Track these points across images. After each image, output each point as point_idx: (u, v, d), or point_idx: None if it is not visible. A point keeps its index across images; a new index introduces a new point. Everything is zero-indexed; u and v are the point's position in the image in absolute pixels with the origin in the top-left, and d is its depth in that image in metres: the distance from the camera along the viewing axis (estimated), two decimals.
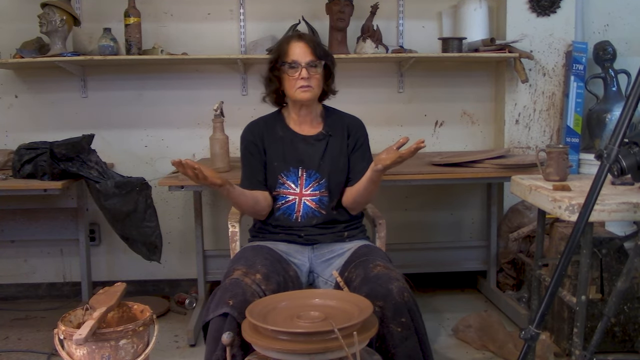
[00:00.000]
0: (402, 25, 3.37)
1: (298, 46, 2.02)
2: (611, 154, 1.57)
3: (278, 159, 2.10)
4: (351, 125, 2.17)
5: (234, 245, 2.16)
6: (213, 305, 1.75)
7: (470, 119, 3.49)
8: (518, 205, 3.29)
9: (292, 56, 2.01)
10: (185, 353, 2.70)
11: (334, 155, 2.12)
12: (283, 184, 2.09)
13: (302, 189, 2.08)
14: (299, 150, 2.11)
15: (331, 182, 2.10)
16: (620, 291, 1.74)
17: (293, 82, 2.02)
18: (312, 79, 2.02)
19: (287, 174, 2.09)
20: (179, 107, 3.35)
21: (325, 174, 2.09)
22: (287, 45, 2.04)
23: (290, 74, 2.02)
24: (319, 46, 2.06)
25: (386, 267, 1.86)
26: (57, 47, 2.97)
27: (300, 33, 2.15)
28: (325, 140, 2.12)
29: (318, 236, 2.08)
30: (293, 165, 2.09)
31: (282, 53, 2.04)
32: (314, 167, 2.10)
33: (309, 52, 2.01)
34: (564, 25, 3.30)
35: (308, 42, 2.03)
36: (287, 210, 2.08)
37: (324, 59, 2.05)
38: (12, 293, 3.43)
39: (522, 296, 3.10)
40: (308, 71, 2.00)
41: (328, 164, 2.10)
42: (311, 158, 2.10)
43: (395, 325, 1.72)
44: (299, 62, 2.01)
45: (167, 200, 3.37)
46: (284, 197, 2.09)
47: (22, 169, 2.72)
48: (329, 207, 2.09)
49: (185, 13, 3.30)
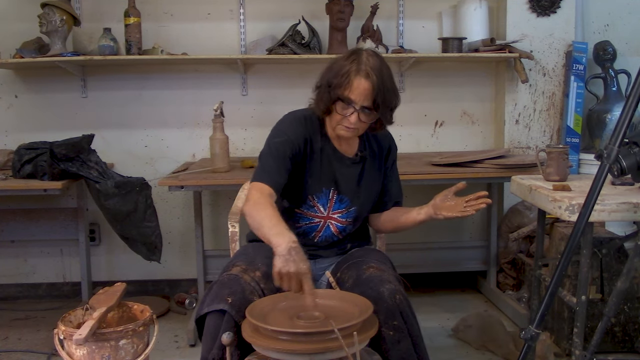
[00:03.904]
0: (402, 25, 3.37)
1: (362, 85, 1.74)
2: (611, 154, 1.57)
3: (313, 176, 1.90)
4: (386, 145, 2.01)
5: (234, 245, 2.15)
6: (209, 299, 1.69)
7: (470, 119, 3.49)
8: (518, 205, 3.29)
9: (351, 93, 1.76)
10: (185, 353, 2.70)
11: (369, 182, 1.97)
12: (312, 207, 1.92)
13: (329, 212, 1.94)
14: (335, 171, 1.92)
15: (359, 212, 1.97)
16: (620, 291, 1.74)
17: (339, 117, 1.81)
18: (359, 122, 1.80)
19: (318, 196, 1.91)
20: (179, 107, 3.35)
21: (357, 203, 1.95)
22: (353, 77, 1.75)
23: (339, 111, 1.79)
24: (385, 91, 1.77)
25: (379, 269, 1.82)
26: (57, 47, 2.97)
27: (371, 70, 1.75)
28: (362, 163, 1.97)
29: (322, 251, 2.01)
30: (325, 185, 1.91)
31: (343, 83, 1.76)
32: (348, 193, 1.93)
33: (370, 97, 1.76)
34: (564, 25, 3.30)
35: (374, 85, 1.75)
36: (309, 230, 1.96)
37: (381, 109, 1.79)
38: (12, 293, 3.43)
39: (522, 296, 3.10)
40: (360, 116, 1.78)
41: (363, 193, 1.96)
42: (347, 182, 1.93)
43: (387, 329, 1.69)
44: (355, 103, 1.77)
45: (167, 200, 3.37)
46: (309, 219, 1.94)
47: (22, 169, 2.72)
48: (347, 233, 2.01)
49: (185, 13, 3.30)
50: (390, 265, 1.94)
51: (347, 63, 1.78)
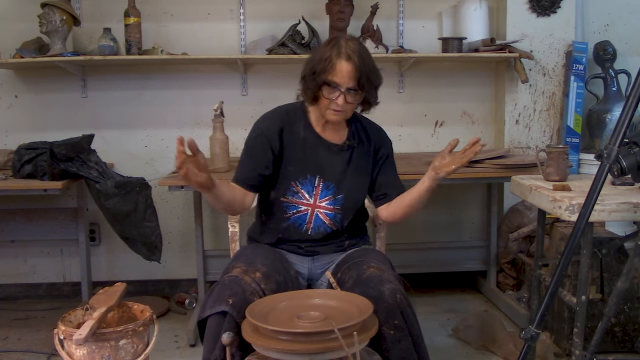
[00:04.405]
0: (402, 25, 3.37)
1: (345, 67, 1.81)
2: (611, 154, 1.57)
3: (295, 164, 1.94)
4: (378, 142, 2.04)
5: (234, 246, 2.16)
6: (211, 301, 1.71)
7: (470, 119, 3.49)
8: (518, 205, 3.29)
9: (335, 76, 1.82)
10: (185, 353, 2.70)
11: (356, 171, 1.99)
12: (296, 193, 1.94)
13: (317, 200, 1.95)
14: (320, 158, 1.96)
15: (347, 202, 1.97)
16: (620, 291, 1.74)
17: (327, 102, 1.86)
18: (346, 104, 1.86)
19: (302, 182, 1.94)
20: (179, 107, 3.35)
21: (343, 190, 1.96)
22: (336, 61, 1.82)
23: (326, 95, 1.85)
24: (367, 71, 1.85)
25: (379, 269, 1.83)
26: (57, 47, 2.97)
27: (352, 52, 1.83)
28: (350, 152, 1.99)
29: (319, 247, 2.01)
30: (310, 173, 1.95)
31: (327, 68, 1.82)
32: (333, 180, 1.96)
33: (354, 77, 1.82)
34: (564, 25, 3.30)
35: (356, 66, 1.82)
36: (298, 220, 1.96)
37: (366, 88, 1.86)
38: (12, 293, 3.42)
39: (522, 296, 3.10)
40: (346, 98, 1.84)
41: (349, 180, 1.97)
42: (332, 169, 1.96)
43: (387, 328, 1.70)
44: (340, 86, 1.83)
45: (167, 200, 3.37)
46: (296, 207, 1.95)
47: (22, 169, 2.72)
48: (340, 224, 2.00)
49: (185, 13, 3.30)
50: (390, 265, 1.94)
51: (327, 49, 1.85)
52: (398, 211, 2.01)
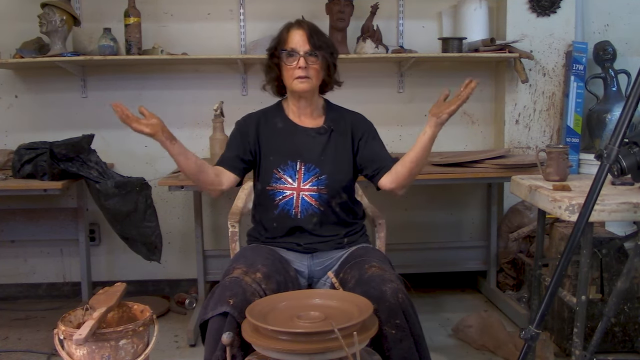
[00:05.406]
0: (402, 25, 3.37)
1: (297, 34, 1.95)
2: (611, 154, 1.57)
3: (274, 153, 2.02)
4: (355, 123, 2.08)
5: (234, 246, 2.16)
6: (212, 303, 1.72)
7: (470, 119, 3.49)
8: (518, 205, 3.29)
9: (290, 44, 1.95)
10: (185, 353, 2.70)
11: (336, 152, 2.03)
12: (279, 179, 1.99)
13: (300, 184, 1.99)
14: (298, 143, 2.02)
15: (331, 180, 2.00)
16: (620, 291, 1.75)
17: (291, 71, 1.95)
18: (310, 69, 1.94)
19: (284, 168, 2.00)
20: (179, 107, 3.35)
21: (325, 170, 2.00)
22: (287, 32, 1.98)
23: (287, 63, 1.95)
24: (319, 35, 1.98)
25: (381, 268, 1.83)
26: (57, 47, 2.97)
27: (301, 20, 2.04)
28: (327, 134, 2.04)
29: (318, 244, 2.02)
30: (291, 158, 2.01)
31: (282, 40, 1.98)
32: (313, 161, 2.00)
33: (307, 41, 1.94)
34: (564, 25, 3.30)
35: (308, 30, 1.96)
36: (286, 206, 2.00)
37: (323, 50, 1.97)
38: (12, 293, 3.43)
39: (522, 296, 3.10)
40: (306, 60, 1.93)
41: (329, 160, 2.01)
42: (311, 151, 2.01)
43: (389, 327, 1.70)
44: (297, 50, 1.94)
45: (167, 200, 3.37)
46: (281, 193, 1.99)
47: (22, 169, 2.72)
48: (328, 205, 2.01)
49: (185, 13, 3.30)
50: (390, 265, 1.94)
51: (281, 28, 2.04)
52: (401, 174, 1.94)
